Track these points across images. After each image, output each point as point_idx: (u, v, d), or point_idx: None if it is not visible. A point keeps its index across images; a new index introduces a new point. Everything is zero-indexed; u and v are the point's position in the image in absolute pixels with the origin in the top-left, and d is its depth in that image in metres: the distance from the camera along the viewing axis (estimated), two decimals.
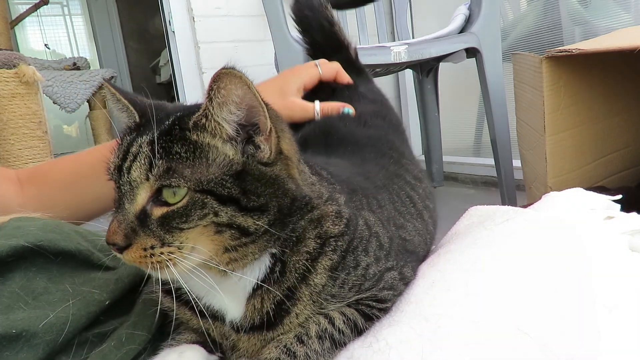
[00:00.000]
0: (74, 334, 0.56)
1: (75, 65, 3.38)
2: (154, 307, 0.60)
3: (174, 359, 0.55)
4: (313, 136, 0.89)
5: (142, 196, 0.50)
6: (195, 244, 0.50)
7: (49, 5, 3.54)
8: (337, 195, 0.60)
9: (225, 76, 0.47)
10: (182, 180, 0.48)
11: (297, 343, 0.53)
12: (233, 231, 0.50)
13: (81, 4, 5.27)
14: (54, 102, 2.86)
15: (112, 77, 3.16)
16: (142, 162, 0.49)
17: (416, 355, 0.48)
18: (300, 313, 0.56)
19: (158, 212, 0.49)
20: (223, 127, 0.50)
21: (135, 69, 5.31)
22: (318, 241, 0.57)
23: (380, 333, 0.54)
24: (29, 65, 1.83)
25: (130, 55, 5.29)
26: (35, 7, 3.40)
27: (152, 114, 0.52)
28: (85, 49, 5.32)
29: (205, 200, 0.49)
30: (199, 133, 0.50)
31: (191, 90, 2.40)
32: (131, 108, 0.56)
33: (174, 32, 2.39)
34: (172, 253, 0.49)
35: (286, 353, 0.52)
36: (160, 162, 0.48)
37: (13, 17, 3.57)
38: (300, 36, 1.15)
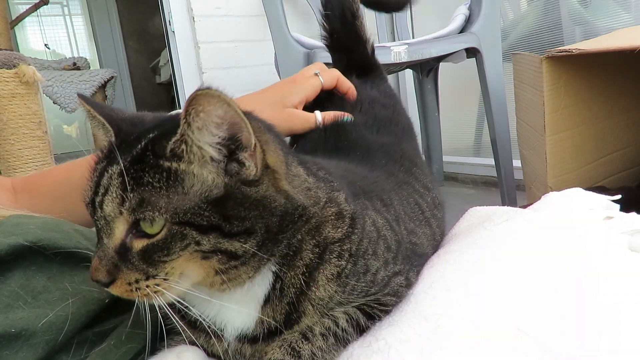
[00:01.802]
0: (73, 332, 0.56)
1: (75, 65, 3.37)
2: (154, 308, 0.60)
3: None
4: (323, 141, 0.87)
5: (120, 230, 0.47)
6: (183, 270, 0.48)
7: (49, 5, 3.53)
8: (335, 195, 0.58)
9: (202, 97, 0.44)
10: (157, 213, 0.45)
11: (302, 340, 0.52)
12: (220, 256, 0.48)
13: (81, 4, 5.28)
14: (54, 102, 2.86)
15: (112, 77, 3.16)
16: (114, 195, 0.46)
17: (416, 355, 0.48)
18: (309, 322, 0.55)
19: (138, 244, 0.47)
20: (205, 150, 0.47)
21: (135, 69, 5.31)
22: (316, 250, 0.54)
23: (380, 332, 0.54)
24: (29, 65, 1.83)
25: (130, 55, 5.29)
26: (35, 7, 3.39)
27: (114, 147, 0.49)
28: (85, 49, 5.32)
29: (184, 231, 0.46)
30: (176, 160, 0.47)
31: (191, 91, 2.39)
32: (107, 125, 0.53)
33: (174, 32, 2.39)
34: (158, 285, 0.47)
35: (291, 354, 0.51)
36: (132, 195, 0.45)
37: (13, 17, 3.57)
38: (322, 20, 1.12)
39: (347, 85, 0.98)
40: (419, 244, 0.71)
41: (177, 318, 0.53)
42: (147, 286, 0.47)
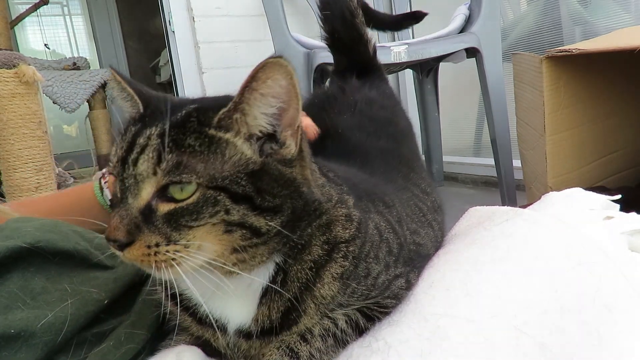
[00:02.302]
0: (72, 333, 0.56)
1: (75, 65, 3.37)
2: (154, 308, 0.60)
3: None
4: (320, 147, 0.85)
5: (147, 191, 0.47)
6: (202, 242, 0.47)
7: (49, 5, 3.53)
8: (345, 197, 0.59)
9: (272, 65, 0.46)
10: (194, 176, 0.45)
11: (301, 342, 0.53)
12: (244, 231, 0.48)
13: (81, 4, 5.27)
14: (54, 102, 2.85)
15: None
16: (150, 155, 0.46)
17: (415, 355, 0.48)
18: (308, 323, 0.55)
19: (165, 208, 0.46)
20: (258, 120, 0.48)
21: (135, 69, 5.31)
22: (325, 247, 0.55)
23: (380, 333, 0.54)
24: (29, 65, 1.83)
25: (130, 55, 5.29)
26: (35, 7, 3.39)
27: (165, 105, 0.50)
28: (85, 49, 5.32)
29: (218, 197, 0.46)
30: (223, 130, 0.48)
31: (191, 90, 2.40)
32: (135, 97, 0.54)
33: (174, 32, 2.38)
34: (178, 252, 0.46)
35: (289, 355, 0.52)
36: (171, 156, 0.46)
37: (13, 17, 3.57)
38: (321, 23, 1.12)
39: (314, 133, 0.90)
40: (423, 244, 0.71)
41: (200, 301, 0.54)
42: (167, 251, 0.46)
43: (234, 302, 0.55)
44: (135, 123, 0.51)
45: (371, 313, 0.58)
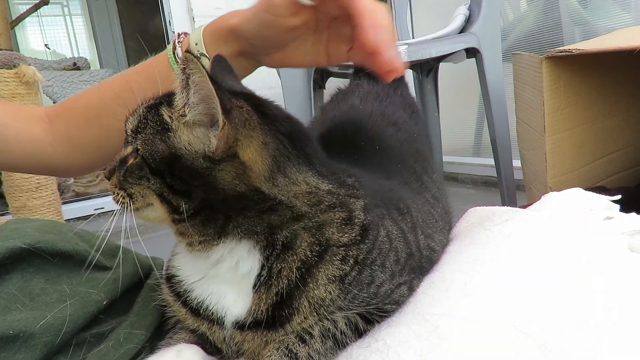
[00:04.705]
0: (71, 334, 0.56)
1: (76, 66, 3.37)
2: (154, 303, 0.61)
3: (171, 358, 0.55)
4: (340, 136, 0.84)
5: (131, 145, 0.55)
6: (152, 202, 0.55)
7: (49, 5, 3.53)
8: (351, 201, 0.57)
9: (186, 60, 0.49)
10: (137, 143, 0.54)
11: (299, 343, 0.53)
12: (167, 205, 0.53)
13: (81, 4, 5.28)
14: (54, 102, 2.86)
15: None
16: (132, 118, 0.56)
17: (414, 355, 0.48)
18: (303, 322, 0.54)
19: (130, 162, 0.55)
20: (183, 109, 0.52)
21: None
22: (316, 249, 0.54)
23: (379, 333, 0.54)
24: (29, 65, 1.83)
25: (130, 55, 5.29)
26: (36, 7, 3.39)
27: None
28: (85, 49, 5.32)
29: (143, 165, 0.53)
30: (171, 108, 0.53)
31: None
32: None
33: (174, 32, 2.39)
34: (123, 198, 0.56)
35: (288, 355, 0.51)
36: (133, 119, 0.55)
37: (13, 17, 3.57)
38: None
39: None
40: (437, 250, 0.70)
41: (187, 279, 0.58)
42: (117, 194, 0.56)
43: (229, 290, 0.56)
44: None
45: (371, 317, 0.58)
